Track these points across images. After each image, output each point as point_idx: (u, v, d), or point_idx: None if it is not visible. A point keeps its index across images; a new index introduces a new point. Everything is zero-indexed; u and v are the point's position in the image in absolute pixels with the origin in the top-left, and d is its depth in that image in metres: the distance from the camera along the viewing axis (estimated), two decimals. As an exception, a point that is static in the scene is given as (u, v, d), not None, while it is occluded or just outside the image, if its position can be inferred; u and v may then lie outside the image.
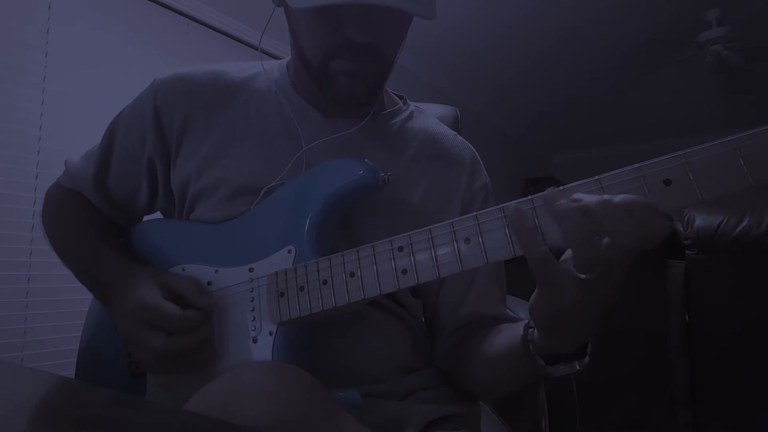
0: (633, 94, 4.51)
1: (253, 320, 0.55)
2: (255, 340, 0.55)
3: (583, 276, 0.40)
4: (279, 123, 0.66)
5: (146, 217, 0.76)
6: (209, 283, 0.60)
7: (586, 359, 0.49)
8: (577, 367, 0.49)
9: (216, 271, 0.60)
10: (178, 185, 0.67)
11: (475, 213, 0.44)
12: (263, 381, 0.40)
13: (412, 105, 0.77)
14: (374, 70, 0.62)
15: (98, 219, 0.72)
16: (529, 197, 0.42)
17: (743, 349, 1.43)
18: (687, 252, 1.53)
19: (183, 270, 0.62)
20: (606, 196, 0.38)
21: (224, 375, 0.42)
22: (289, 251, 0.56)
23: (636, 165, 0.40)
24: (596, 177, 0.41)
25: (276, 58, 0.76)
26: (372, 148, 0.68)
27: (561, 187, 0.42)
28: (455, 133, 0.77)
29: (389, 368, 0.62)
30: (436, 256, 0.45)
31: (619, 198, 0.38)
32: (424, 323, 0.71)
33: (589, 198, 0.39)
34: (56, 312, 1.58)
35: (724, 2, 3.08)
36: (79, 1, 1.75)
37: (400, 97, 0.77)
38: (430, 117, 0.77)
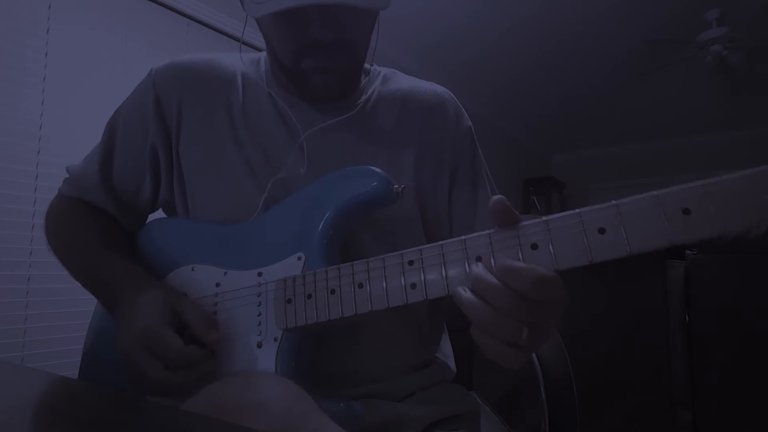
0: (633, 95, 4.51)
1: (259, 325, 0.55)
2: (259, 345, 0.54)
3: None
4: (271, 111, 0.67)
5: (150, 216, 0.75)
6: (217, 284, 0.59)
7: None
8: None
9: (225, 273, 0.60)
10: (180, 175, 0.67)
11: (488, 231, 0.43)
12: (246, 394, 0.40)
13: (383, 69, 0.77)
14: (346, 63, 0.63)
15: (103, 224, 0.71)
16: (544, 219, 0.42)
17: (743, 349, 1.43)
18: (687, 252, 1.53)
19: (192, 270, 0.62)
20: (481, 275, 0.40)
21: (208, 388, 0.41)
22: (299, 258, 0.55)
23: (655, 192, 0.39)
24: (614, 202, 0.39)
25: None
26: (359, 126, 0.68)
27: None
28: (431, 82, 0.77)
29: (391, 368, 0.62)
30: (446, 274, 0.45)
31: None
32: (430, 306, 0.70)
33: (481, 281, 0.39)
34: (56, 312, 1.58)
35: (724, 2, 3.08)
36: (79, 1, 1.75)
37: (369, 65, 0.77)
38: (401, 75, 0.78)
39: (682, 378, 1.50)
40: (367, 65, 0.76)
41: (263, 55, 0.73)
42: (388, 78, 0.75)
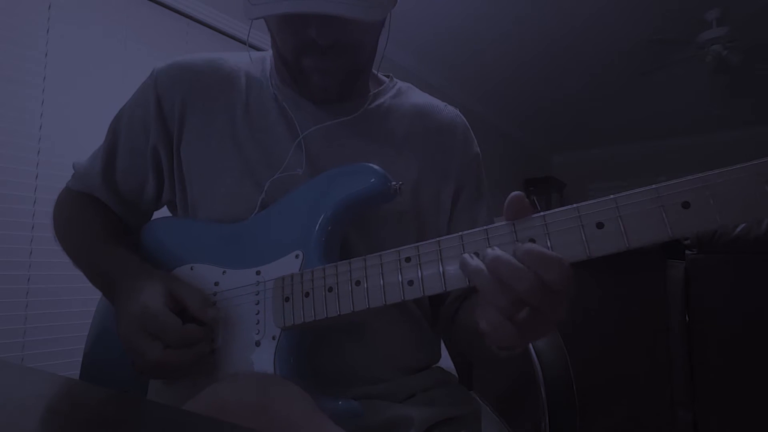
0: (633, 94, 4.52)
1: (257, 323, 0.55)
2: (258, 344, 0.54)
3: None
4: (275, 111, 0.67)
5: (155, 214, 0.76)
6: (216, 284, 0.59)
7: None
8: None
9: (224, 271, 0.60)
10: (182, 174, 0.67)
11: (484, 227, 0.43)
12: (246, 394, 0.40)
13: (399, 82, 0.77)
14: (348, 66, 0.62)
15: (107, 217, 0.72)
16: (542, 214, 0.42)
17: (743, 348, 1.43)
18: (687, 252, 1.53)
19: (192, 269, 0.62)
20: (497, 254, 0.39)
21: (208, 389, 0.42)
22: (297, 256, 0.55)
23: (654, 186, 0.38)
24: (612, 196, 0.39)
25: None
26: (364, 132, 0.68)
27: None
28: (445, 103, 0.77)
29: (392, 369, 0.62)
30: (443, 270, 0.45)
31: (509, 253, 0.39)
32: (429, 309, 0.70)
33: (492, 254, 0.39)
34: (56, 312, 1.58)
35: (724, 2, 3.08)
36: (79, 1, 1.75)
37: (387, 77, 0.77)
38: (417, 91, 0.77)
39: (682, 378, 1.50)
40: (384, 75, 0.76)
41: (269, 53, 0.73)
42: (403, 91, 0.75)
